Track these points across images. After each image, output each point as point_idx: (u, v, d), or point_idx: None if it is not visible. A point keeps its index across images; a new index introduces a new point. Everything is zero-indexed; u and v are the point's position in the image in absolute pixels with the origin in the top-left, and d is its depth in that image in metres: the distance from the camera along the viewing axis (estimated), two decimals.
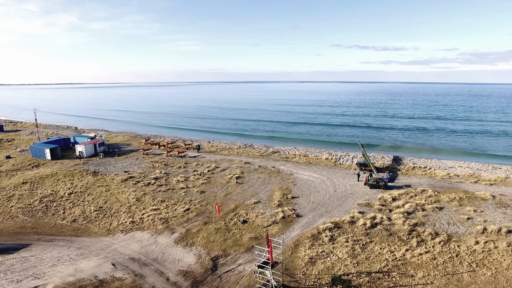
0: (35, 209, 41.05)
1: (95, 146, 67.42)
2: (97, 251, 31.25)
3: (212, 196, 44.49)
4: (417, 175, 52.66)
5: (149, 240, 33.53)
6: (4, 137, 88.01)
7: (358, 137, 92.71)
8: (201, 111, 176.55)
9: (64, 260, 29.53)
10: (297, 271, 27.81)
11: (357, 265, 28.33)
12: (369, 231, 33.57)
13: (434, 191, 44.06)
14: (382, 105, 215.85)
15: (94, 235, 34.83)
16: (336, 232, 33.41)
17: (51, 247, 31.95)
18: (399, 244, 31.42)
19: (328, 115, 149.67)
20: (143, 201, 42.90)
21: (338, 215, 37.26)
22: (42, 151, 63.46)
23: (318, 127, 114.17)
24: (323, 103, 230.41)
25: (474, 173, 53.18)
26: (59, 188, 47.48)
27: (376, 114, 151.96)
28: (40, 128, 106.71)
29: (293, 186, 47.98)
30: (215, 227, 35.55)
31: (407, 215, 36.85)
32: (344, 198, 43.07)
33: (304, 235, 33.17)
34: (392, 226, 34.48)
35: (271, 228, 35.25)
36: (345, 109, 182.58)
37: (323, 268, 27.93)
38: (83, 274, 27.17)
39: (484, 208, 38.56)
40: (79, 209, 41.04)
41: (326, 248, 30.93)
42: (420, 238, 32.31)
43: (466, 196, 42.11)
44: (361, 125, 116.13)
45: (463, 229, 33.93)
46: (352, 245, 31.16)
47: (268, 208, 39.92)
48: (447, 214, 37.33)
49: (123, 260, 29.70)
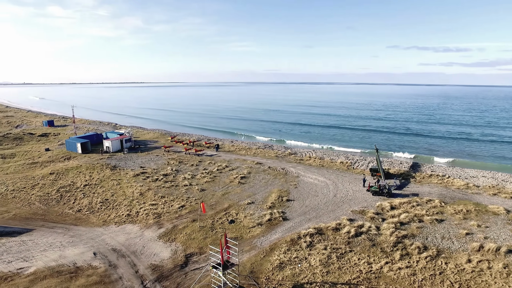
0: (50, 197, 44.79)
1: (122, 142, 71.60)
2: (86, 240, 33.35)
3: (211, 194, 45.16)
4: (431, 184, 48.72)
5: (137, 233, 35.01)
6: (52, 131, 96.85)
7: (391, 143, 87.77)
8: (243, 111, 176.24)
9: (55, 246, 31.95)
10: (262, 274, 27.31)
11: (326, 274, 27.08)
12: (352, 240, 31.85)
13: (442, 201, 40.51)
14: (432, 109, 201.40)
15: (91, 225, 37.18)
16: (316, 239, 32.17)
17: (49, 233, 34.71)
18: (380, 256, 29.45)
19: (369, 118, 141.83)
20: (145, 196, 44.81)
21: (325, 221, 35.81)
22: (74, 145, 68.92)
23: (353, 131, 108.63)
24: (369, 106, 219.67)
25: (497, 184, 47.92)
26: (78, 180, 51.23)
27: (420, 119, 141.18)
28: (85, 124, 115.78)
29: (294, 188, 46.99)
30: (201, 225, 36.10)
31: (399, 226, 34.35)
32: (340, 203, 41.27)
33: (283, 239, 32.38)
34: (378, 236, 32.39)
35: (254, 230, 34.95)
36: (389, 112, 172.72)
37: (289, 274, 27.12)
38: (64, 260, 29.20)
39: (492, 224, 34.66)
40: (87, 200, 44.02)
41: (301, 254, 29.95)
42: (405, 251, 29.98)
43: (476, 209, 38.14)
44: (398, 131, 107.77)
45: (458, 245, 30.85)
46: (329, 253, 29.80)
47: (259, 210, 39.57)
48: (446, 227, 34.16)
49: (105, 250, 31.38)
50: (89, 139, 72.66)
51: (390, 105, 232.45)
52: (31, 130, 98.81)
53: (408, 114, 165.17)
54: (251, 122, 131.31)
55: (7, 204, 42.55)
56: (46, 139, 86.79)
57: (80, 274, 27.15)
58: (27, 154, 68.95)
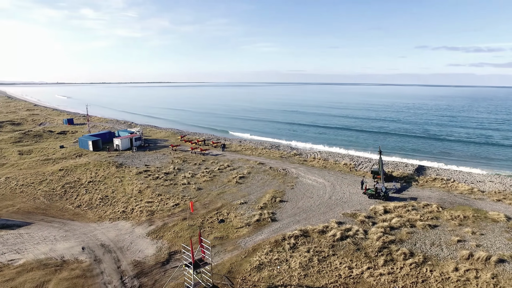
0: (55, 193, 46.57)
1: (131, 140, 73.41)
2: (79, 235, 34.45)
3: (206, 193, 45.51)
4: (433, 188, 46.89)
5: (127, 229, 35.79)
6: (71, 129, 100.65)
7: (403, 145, 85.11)
8: (260, 112, 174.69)
9: (48, 239, 33.22)
10: (239, 275, 27.25)
11: (303, 277, 26.67)
12: (336, 243, 31.19)
13: (439, 206, 38.94)
14: (455, 110, 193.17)
15: (87, 220, 38.36)
16: (301, 241, 31.74)
17: (46, 227, 36.11)
18: (362, 261, 28.69)
19: (387, 120, 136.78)
20: (143, 194, 45.73)
21: (314, 223, 35.25)
22: (86, 142, 71.33)
23: (368, 133, 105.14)
24: (390, 107, 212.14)
25: (505, 190, 45.46)
26: (84, 177, 52.97)
27: (440, 121, 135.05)
28: (103, 122, 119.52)
29: (290, 189, 46.56)
30: (190, 223, 36.46)
31: (389, 230, 33.31)
32: (334, 206, 40.50)
33: (268, 240, 32.17)
34: (364, 240, 31.56)
35: (242, 230, 34.91)
36: (409, 114, 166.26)
37: (266, 276, 26.90)
38: (53, 254, 30.31)
39: (488, 231, 32.97)
40: (88, 196, 45.44)
41: (283, 256, 29.63)
42: (390, 257, 29.06)
43: (474, 215, 36.39)
44: (413, 133, 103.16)
45: (447, 252, 29.56)
46: (311, 256, 29.34)
47: (250, 210, 39.49)
48: (438, 233, 32.81)
49: (94, 245, 32.30)
50: (101, 137, 74.91)
51: (412, 106, 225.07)
52: (52, 128, 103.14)
53: (429, 116, 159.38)
54: (265, 123, 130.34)
55: (14, 198, 44.64)
56: (64, 137, 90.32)
57: (65, 268, 28.10)
58: (43, 151, 72.01)
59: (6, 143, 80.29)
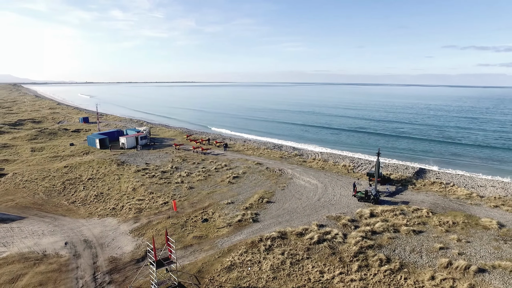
0: (55, 189, 48.23)
1: (137, 139, 74.97)
2: (66, 230, 35.50)
3: (197, 193, 45.80)
4: (429, 191, 45.10)
5: (113, 226, 36.56)
6: (85, 128, 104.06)
7: (412, 148, 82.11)
8: (277, 113, 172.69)
9: (36, 234, 34.45)
10: (208, 275, 27.24)
11: (272, 280, 26.31)
12: (313, 246, 30.57)
13: (430, 211, 37.41)
14: (478, 112, 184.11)
15: (77, 216, 39.47)
16: (277, 243, 31.33)
17: (38, 222, 37.45)
18: (336, 265, 27.98)
19: (403, 122, 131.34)
20: (137, 191, 46.57)
21: (294, 226, 34.71)
22: (94, 141, 73.49)
23: (379, 136, 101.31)
24: (409, 109, 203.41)
25: (506, 196, 43.08)
26: (85, 174, 54.59)
27: (458, 123, 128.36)
28: (117, 121, 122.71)
29: (281, 190, 46.10)
30: (173, 222, 36.81)
31: (370, 235, 32.33)
32: (320, 208, 39.73)
33: (245, 241, 31.98)
34: (341, 244, 30.77)
35: (222, 230, 34.88)
36: (428, 115, 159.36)
37: (234, 277, 26.75)
38: (37, 248, 31.41)
39: (475, 239, 31.35)
40: (85, 193, 46.77)
41: (257, 257, 29.34)
42: (365, 263, 28.21)
43: (464, 222, 34.70)
44: (427, 137, 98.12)
45: (426, 259, 28.35)
46: (285, 259, 28.88)
47: (235, 210, 39.38)
48: (421, 239, 31.52)
49: (77, 240, 33.20)
50: (109, 136, 77.01)
51: (433, 108, 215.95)
52: (67, 126, 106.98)
53: (448, 118, 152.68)
54: (276, 124, 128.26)
55: (16, 193, 46.61)
56: (77, 135, 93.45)
57: (44, 262, 29.05)
58: (54, 148, 74.76)
59: (22, 140, 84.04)
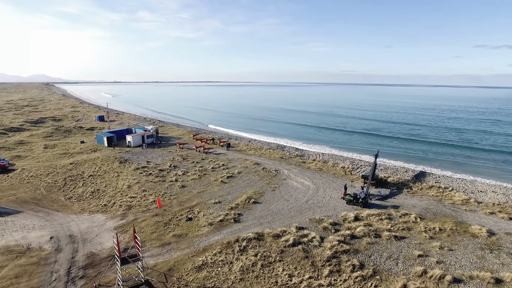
0: (56, 185, 50.10)
1: (143, 137, 76.56)
2: (55, 225, 36.77)
3: (187, 191, 46.19)
4: (424, 196, 43.31)
5: (100, 222, 37.51)
6: (99, 126, 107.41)
7: (422, 151, 78.96)
8: (293, 113, 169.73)
9: (26, 228, 35.87)
10: (178, 273, 27.40)
11: (238, 281, 26.12)
12: (287, 249, 30.07)
13: (418, 216, 35.90)
14: (504, 114, 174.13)
15: (69, 212, 40.79)
16: (252, 244, 31.05)
17: (31, 216, 39.01)
18: (307, 269, 27.40)
19: (420, 125, 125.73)
20: (131, 189, 47.56)
21: (274, 227, 34.27)
22: (102, 139, 75.73)
23: (392, 139, 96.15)
24: (431, 110, 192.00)
25: (506, 202, 40.67)
26: (87, 170, 56.32)
27: (478, 126, 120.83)
28: (131, 119, 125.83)
29: (271, 191, 45.70)
30: (157, 220, 37.30)
31: (349, 240, 31.44)
32: (306, 210, 39.04)
33: (221, 241, 31.94)
34: (316, 248, 30.10)
35: (203, 229, 34.98)
36: (449, 118, 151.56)
37: (201, 276, 26.73)
38: (23, 241, 32.71)
39: (460, 247, 29.79)
40: (82, 189, 48.28)
41: (230, 258, 29.21)
42: (337, 268, 27.46)
43: (452, 228, 33.05)
44: (441, 141, 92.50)
45: (401, 267, 27.23)
46: (257, 260, 28.59)
47: (220, 210, 39.38)
48: (401, 246, 30.30)
49: (63, 235, 34.30)
50: (118, 134, 79.16)
51: (456, 109, 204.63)
52: (83, 124, 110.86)
53: (470, 120, 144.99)
54: (286, 125, 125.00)
55: (19, 188, 48.79)
56: (91, 133, 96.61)
57: (26, 255, 30.22)
58: (66, 146, 77.65)
59: (38, 137, 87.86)
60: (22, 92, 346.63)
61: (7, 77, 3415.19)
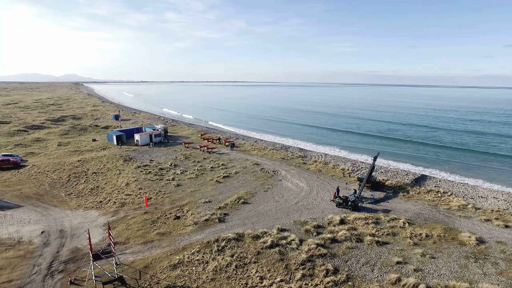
0: (59, 181, 52.03)
1: (151, 136, 78.12)
2: (50, 220, 38.16)
3: (181, 190, 46.71)
4: (420, 200, 41.64)
5: (92, 218, 38.62)
6: (115, 124, 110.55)
7: (438, 157, 74.81)
8: (310, 114, 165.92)
9: (23, 221, 37.48)
10: (152, 271, 27.76)
11: (209, 281, 26.15)
12: (264, 251, 29.78)
13: (407, 221, 34.59)
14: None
15: (66, 207, 42.23)
16: (231, 244, 30.99)
17: (30, 211, 40.72)
18: (280, 272, 27.04)
19: (435, 128, 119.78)
20: (129, 186, 48.69)
21: (256, 228, 34.01)
22: (112, 137, 77.93)
23: (404, 143, 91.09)
24: (455, 111, 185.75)
25: (506, 209, 38.41)
26: (92, 168, 58.14)
27: (501, 130, 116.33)
28: (146, 118, 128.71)
29: (263, 192, 45.42)
30: (145, 217, 37.95)
31: (329, 243, 30.75)
32: (293, 212, 38.50)
33: (201, 241, 32.07)
34: (293, 251, 29.61)
35: (187, 228, 35.25)
36: (471, 120, 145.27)
37: (173, 275, 26.94)
38: (15, 234, 34.17)
39: (443, 255, 28.44)
40: (83, 186, 49.90)
41: (206, 257, 29.28)
42: (311, 272, 26.92)
43: (440, 235, 31.60)
44: (456, 145, 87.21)
45: (376, 274, 26.32)
46: (232, 261, 28.54)
47: (208, 209, 39.54)
48: (382, 251, 29.29)
49: (54, 230, 35.56)
50: (126, 133, 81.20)
51: (481, 111, 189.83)
52: (99, 122, 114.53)
53: (492, 123, 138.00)
54: (301, 127, 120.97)
55: (26, 183, 51.04)
56: (105, 131, 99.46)
57: (15, 248, 31.57)
58: (78, 143, 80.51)
59: (55, 135, 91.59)
60: (52, 91, 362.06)
61: (41, 77, 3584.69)
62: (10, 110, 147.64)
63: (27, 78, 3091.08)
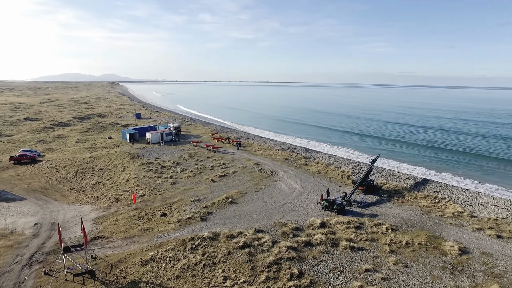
0: (66, 176, 54.63)
1: (162, 134, 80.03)
2: (47, 213, 40.18)
3: (175, 188, 47.44)
4: (413, 206, 39.50)
5: (85, 212, 40.19)
6: (133, 123, 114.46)
7: (457, 163, 69.71)
8: (335, 116, 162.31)
9: (21, 213, 39.74)
10: (124, 265, 28.42)
11: (174, 278, 26.41)
12: (234, 251, 29.59)
13: (392, 227, 33.00)
14: None
15: (65, 201, 44.31)
16: (205, 243, 31.05)
17: (31, 203, 43.10)
18: (245, 273, 26.79)
19: (459, 133, 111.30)
20: (128, 183, 50.22)
21: (235, 228, 33.81)
22: (125, 135, 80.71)
23: (420, 147, 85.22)
24: (480, 115, 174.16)
25: (505, 218, 35.47)
26: (100, 164, 60.55)
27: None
28: (165, 117, 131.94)
29: (254, 192, 45.12)
30: (134, 213, 38.94)
31: (302, 247, 29.98)
32: (277, 213, 37.90)
33: (179, 238, 32.42)
34: (263, 253, 29.15)
35: (169, 226, 35.76)
36: (496, 124, 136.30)
37: (141, 270, 27.41)
38: (10, 225, 36.29)
39: (419, 264, 26.83)
40: (87, 181, 52.09)
41: (178, 255, 29.58)
42: (275, 275, 26.43)
43: (421, 243, 29.82)
44: (479, 151, 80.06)
45: (342, 280, 25.34)
46: (201, 260, 28.64)
47: (194, 208, 39.89)
48: (353, 257, 28.13)
49: (47, 222, 37.39)
50: (140, 131, 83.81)
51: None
52: (120, 120, 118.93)
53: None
54: (316, 129, 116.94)
55: (36, 177, 54.05)
56: (124, 129, 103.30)
57: (6, 238, 33.56)
58: (95, 141, 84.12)
59: (76, 132, 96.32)
60: (88, 90, 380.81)
61: (82, 76, 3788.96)
62: (44, 108, 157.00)
63: (69, 78, 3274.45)
